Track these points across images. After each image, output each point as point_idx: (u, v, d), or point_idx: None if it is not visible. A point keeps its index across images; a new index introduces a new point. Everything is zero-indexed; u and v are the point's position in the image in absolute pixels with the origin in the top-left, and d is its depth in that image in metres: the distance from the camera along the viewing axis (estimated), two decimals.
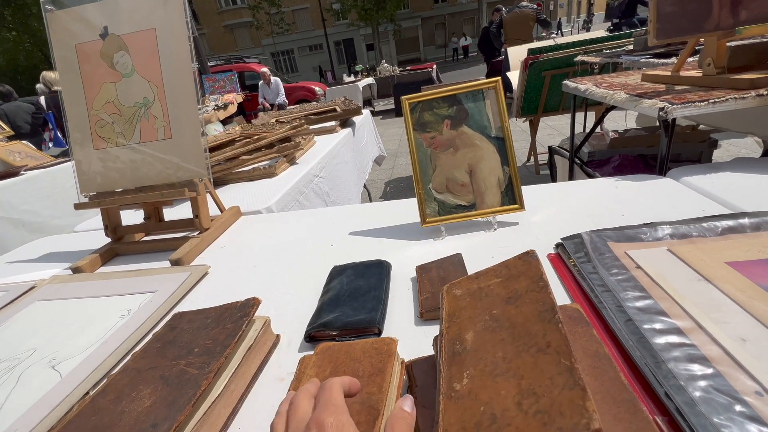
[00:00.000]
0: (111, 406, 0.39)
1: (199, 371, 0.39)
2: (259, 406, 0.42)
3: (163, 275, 0.72)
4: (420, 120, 0.71)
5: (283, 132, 1.38)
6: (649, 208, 0.67)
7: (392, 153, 4.15)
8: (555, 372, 0.22)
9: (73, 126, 0.86)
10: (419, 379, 0.38)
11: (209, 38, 23.30)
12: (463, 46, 20.42)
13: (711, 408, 0.30)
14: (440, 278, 0.54)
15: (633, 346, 0.37)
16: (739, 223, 0.52)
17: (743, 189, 0.68)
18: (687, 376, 0.33)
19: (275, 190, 1.11)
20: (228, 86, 5.22)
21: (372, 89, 7.06)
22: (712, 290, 0.42)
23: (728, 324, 0.37)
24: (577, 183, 0.85)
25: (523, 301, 0.28)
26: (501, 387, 0.23)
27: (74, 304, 0.68)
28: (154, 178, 0.83)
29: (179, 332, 0.47)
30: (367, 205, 0.96)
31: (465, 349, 0.28)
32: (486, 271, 0.35)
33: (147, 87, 0.81)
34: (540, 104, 2.59)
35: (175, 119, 0.80)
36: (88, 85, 0.85)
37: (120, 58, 0.82)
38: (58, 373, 0.51)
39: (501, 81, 0.69)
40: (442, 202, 0.71)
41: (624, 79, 1.13)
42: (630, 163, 1.52)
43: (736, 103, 0.72)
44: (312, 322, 0.50)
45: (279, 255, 0.75)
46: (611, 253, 0.51)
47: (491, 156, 0.69)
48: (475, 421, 0.22)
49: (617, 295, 0.43)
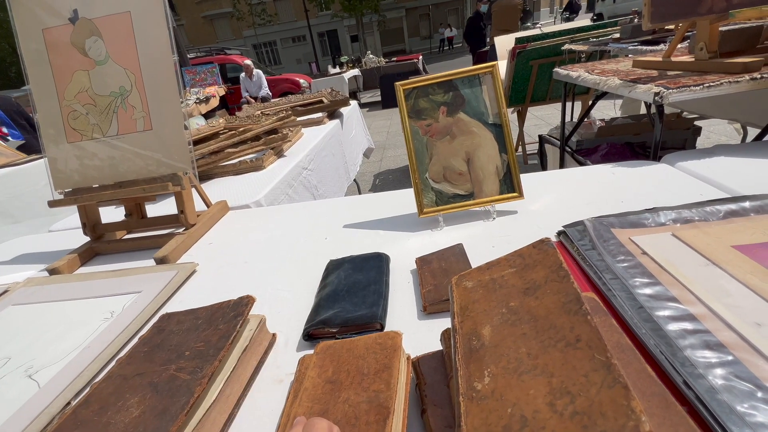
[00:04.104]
0: (95, 417, 0.35)
1: (192, 376, 0.36)
2: (257, 410, 0.39)
3: (147, 274, 0.68)
4: (415, 107, 0.69)
5: (270, 124, 1.34)
6: (647, 193, 0.66)
7: (380, 145, 4.12)
8: (590, 368, 0.20)
9: (44, 120, 0.81)
10: (428, 376, 0.36)
11: (188, 29, 22.53)
12: (448, 37, 20.33)
13: (733, 396, 0.29)
14: (442, 270, 0.52)
15: (646, 334, 0.36)
16: (741, 207, 0.51)
17: (737, 173, 0.68)
18: (705, 364, 0.32)
19: (263, 183, 1.07)
20: (209, 79, 5.07)
21: (358, 81, 6.97)
22: (721, 275, 0.41)
23: (741, 309, 0.36)
24: (573, 170, 0.84)
25: (543, 292, 0.26)
26: (529, 386, 0.21)
27: (51, 307, 0.63)
28: (134, 174, 0.78)
29: (167, 334, 0.44)
30: (362, 196, 0.93)
31: (483, 345, 0.26)
32: (498, 261, 0.33)
33: (123, 75, 0.76)
34: (528, 94, 2.58)
35: (155, 109, 0.76)
36: (58, 75, 0.80)
37: (92, 44, 0.77)
38: (36, 382, 0.47)
39: (497, 66, 0.67)
40: (439, 192, 0.69)
41: (615, 66, 1.12)
42: (617, 151, 1.53)
43: (730, 87, 0.72)
44: (310, 320, 0.48)
45: (271, 250, 0.72)
46: (616, 240, 0.50)
47: (489, 143, 0.68)
48: (503, 425, 0.20)
49: (626, 282, 0.42)
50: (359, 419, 0.30)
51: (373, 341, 0.38)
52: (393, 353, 0.36)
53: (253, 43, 23.18)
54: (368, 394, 0.32)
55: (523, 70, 2.46)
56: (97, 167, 0.80)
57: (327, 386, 0.34)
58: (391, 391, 0.32)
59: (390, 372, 0.34)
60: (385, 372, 0.34)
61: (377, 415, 0.30)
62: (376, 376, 0.34)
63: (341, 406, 0.32)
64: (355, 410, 0.31)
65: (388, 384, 0.32)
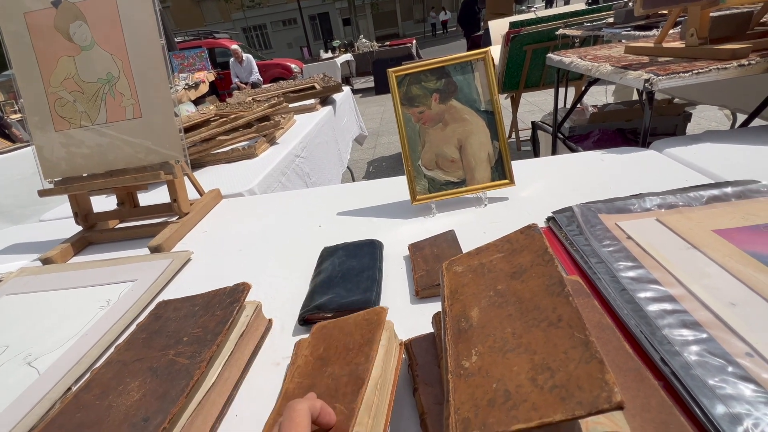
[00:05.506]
0: (97, 401, 0.36)
1: (191, 360, 0.37)
2: (255, 391, 0.41)
3: (142, 263, 0.68)
4: (408, 94, 0.69)
5: (262, 110, 1.32)
6: (635, 179, 0.68)
7: (374, 132, 4.09)
8: (569, 346, 0.21)
9: (30, 108, 0.79)
10: (419, 357, 0.37)
11: (174, 12, 21.81)
12: (442, 21, 19.97)
13: (706, 371, 0.31)
14: (434, 256, 0.53)
15: (628, 314, 0.37)
16: (724, 192, 0.53)
17: (723, 159, 0.69)
18: (681, 342, 0.34)
19: (257, 171, 1.07)
20: (198, 63, 4.94)
21: (350, 66, 6.86)
22: (701, 258, 0.43)
23: (718, 290, 0.38)
24: (563, 157, 0.85)
25: (528, 276, 0.28)
26: (513, 363, 0.23)
27: (47, 296, 0.64)
28: (124, 163, 0.78)
29: (165, 321, 0.45)
30: (355, 184, 0.94)
31: (471, 326, 0.27)
32: (487, 247, 0.34)
33: (110, 61, 0.74)
34: (521, 79, 2.57)
35: (144, 96, 0.75)
36: (43, 61, 0.78)
37: (77, 28, 0.75)
38: (36, 369, 0.48)
39: (491, 52, 0.67)
40: (432, 179, 0.69)
41: (608, 52, 1.13)
42: (609, 137, 1.55)
43: (718, 73, 0.73)
44: (305, 305, 0.49)
45: (265, 238, 0.73)
46: (602, 225, 0.52)
47: (481, 130, 0.68)
48: (488, 399, 0.22)
49: (610, 266, 0.44)
50: (338, 390, 0.31)
51: (362, 318, 0.38)
52: (377, 327, 0.36)
53: (242, 26, 22.56)
54: (350, 367, 0.33)
55: (517, 56, 2.44)
56: (87, 156, 0.79)
57: (317, 363, 0.35)
58: (369, 363, 0.32)
59: (371, 345, 0.34)
60: (366, 346, 0.34)
61: (354, 386, 0.30)
62: (359, 350, 0.34)
63: (326, 380, 0.32)
64: (336, 383, 0.32)
65: (368, 357, 0.33)
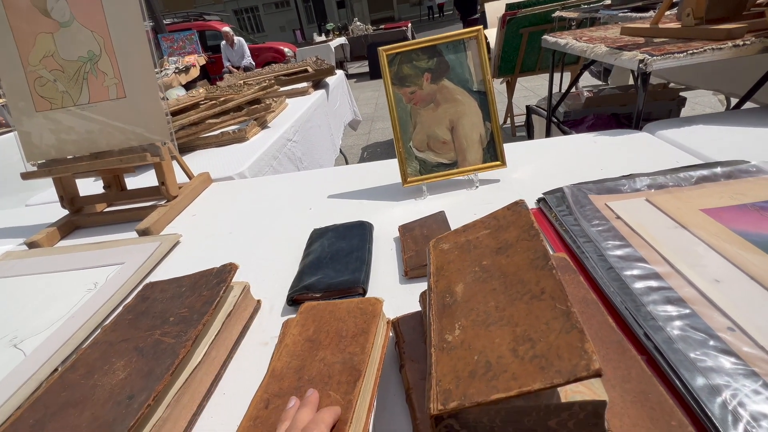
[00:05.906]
0: (82, 380, 0.36)
1: (176, 340, 0.37)
2: (243, 371, 0.41)
3: (130, 246, 0.68)
4: (399, 73, 0.67)
5: (252, 93, 1.29)
6: (627, 161, 0.67)
7: (368, 117, 4.04)
8: (551, 317, 0.21)
9: (9, 89, 0.76)
10: (406, 334, 0.37)
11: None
12: (439, 4, 19.56)
13: (687, 345, 0.31)
14: (424, 236, 0.53)
15: (614, 292, 0.38)
16: (713, 172, 0.53)
17: (714, 141, 0.69)
18: (665, 317, 0.34)
19: (247, 155, 1.05)
20: (188, 47, 4.80)
21: (345, 50, 6.71)
22: (688, 236, 0.43)
23: (703, 267, 0.38)
24: (556, 139, 0.84)
25: (514, 251, 0.27)
26: (495, 335, 0.23)
27: (33, 280, 0.63)
28: (108, 144, 0.76)
29: (152, 302, 0.45)
30: (346, 167, 0.92)
31: (455, 301, 0.27)
32: (474, 224, 0.34)
33: (91, 38, 0.72)
34: (517, 63, 2.54)
35: (127, 75, 0.72)
36: (20, 38, 0.75)
37: (54, 3, 0.72)
38: (22, 351, 0.47)
39: (483, 29, 0.65)
40: (423, 161, 0.69)
41: (603, 33, 1.11)
42: (603, 122, 1.54)
43: (713, 54, 0.72)
44: (294, 286, 0.49)
45: (255, 221, 0.72)
46: (592, 205, 0.51)
47: (473, 111, 0.67)
48: (469, 370, 0.22)
49: (598, 245, 0.44)
50: (332, 378, 0.31)
51: (355, 305, 0.39)
52: (372, 319, 0.36)
53: (233, 8, 21.92)
54: (344, 355, 0.33)
55: (512, 39, 2.40)
56: (71, 138, 0.77)
57: (306, 344, 0.35)
58: (365, 355, 0.33)
59: (366, 337, 0.34)
60: (362, 336, 0.35)
61: (349, 376, 0.31)
62: (353, 339, 0.35)
63: (317, 364, 0.33)
64: (329, 369, 0.32)
65: (363, 348, 0.33)
